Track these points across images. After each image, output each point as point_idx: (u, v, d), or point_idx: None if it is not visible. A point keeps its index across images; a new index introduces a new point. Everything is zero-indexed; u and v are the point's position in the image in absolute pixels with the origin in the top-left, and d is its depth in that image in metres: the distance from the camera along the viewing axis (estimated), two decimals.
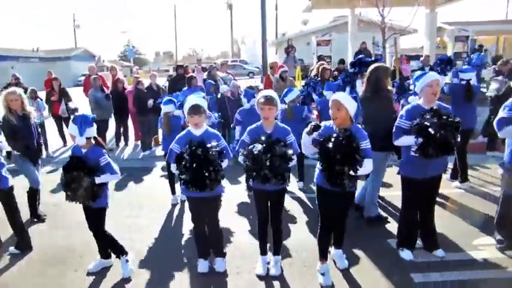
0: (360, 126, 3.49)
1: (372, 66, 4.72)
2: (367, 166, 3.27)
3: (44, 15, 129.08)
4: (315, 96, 6.68)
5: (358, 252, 4.19)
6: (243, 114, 6.13)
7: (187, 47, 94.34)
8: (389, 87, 4.93)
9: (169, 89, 10.10)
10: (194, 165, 3.38)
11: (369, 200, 4.92)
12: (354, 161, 3.17)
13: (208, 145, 3.45)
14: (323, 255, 3.69)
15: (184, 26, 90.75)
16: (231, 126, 8.13)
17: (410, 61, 20.86)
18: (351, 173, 3.21)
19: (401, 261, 3.94)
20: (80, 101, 10.86)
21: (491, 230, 4.45)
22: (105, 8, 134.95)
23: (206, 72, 10.46)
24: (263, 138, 3.43)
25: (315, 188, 3.70)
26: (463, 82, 5.88)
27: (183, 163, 3.43)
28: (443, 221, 4.84)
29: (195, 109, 3.62)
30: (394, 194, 5.64)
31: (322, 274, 3.64)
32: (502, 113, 3.83)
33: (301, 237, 4.59)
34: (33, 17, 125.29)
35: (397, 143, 3.83)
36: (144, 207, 5.84)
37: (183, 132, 3.75)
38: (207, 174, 3.39)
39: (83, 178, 3.54)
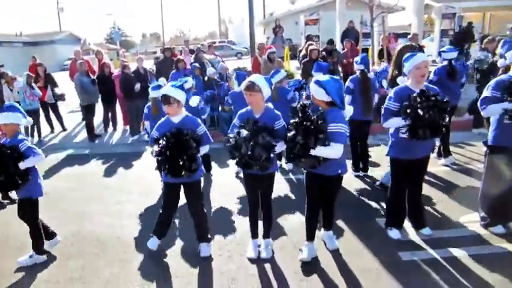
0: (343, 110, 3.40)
1: (398, 47, 4.81)
2: (333, 149, 3.22)
3: None
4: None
5: (347, 232, 4.23)
6: (234, 96, 6.06)
7: (174, 28, 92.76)
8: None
9: (157, 72, 9.93)
10: (168, 152, 3.42)
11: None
12: (311, 140, 3.15)
13: (184, 132, 3.48)
14: (309, 236, 3.72)
15: (171, 7, 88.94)
16: (220, 109, 8.09)
17: (399, 39, 20.88)
18: (312, 152, 3.18)
19: (389, 240, 3.98)
20: (66, 86, 10.66)
21: (476, 207, 4.52)
22: None
23: (193, 55, 10.27)
24: (249, 124, 3.39)
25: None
26: (445, 62, 5.89)
27: (159, 150, 3.48)
28: (430, 199, 4.91)
29: (165, 99, 3.62)
30: (382, 174, 5.67)
31: (300, 250, 3.74)
32: (485, 92, 3.82)
33: (292, 220, 4.60)
34: (15, 0, 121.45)
35: (385, 125, 3.81)
36: (134, 192, 5.80)
37: (163, 119, 3.77)
38: (181, 161, 3.41)
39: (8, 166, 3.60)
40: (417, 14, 15.22)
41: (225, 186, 5.84)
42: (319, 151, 3.19)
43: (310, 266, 3.62)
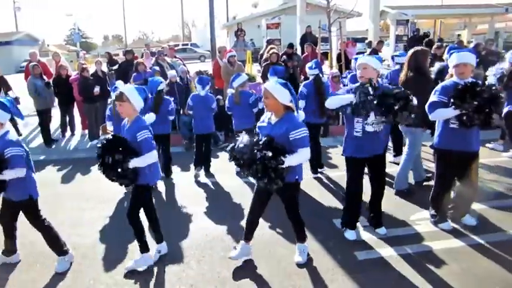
0: (297, 113, 3.42)
1: (411, 50, 5.04)
2: (301, 155, 3.24)
3: None
4: None
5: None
6: (195, 100, 6.00)
7: (137, 30, 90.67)
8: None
9: (118, 75, 9.63)
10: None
11: (401, 172, 5.12)
12: (271, 166, 3.12)
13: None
14: (246, 237, 3.73)
15: (133, 8, 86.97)
16: (181, 112, 7.96)
17: (357, 43, 21.43)
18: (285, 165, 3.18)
19: (346, 241, 4.04)
20: (21, 90, 10.12)
21: (427, 204, 4.68)
22: None
23: (154, 58, 10.07)
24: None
25: None
26: (398, 66, 6.08)
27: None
28: (385, 198, 5.01)
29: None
30: (338, 174, 5.78)
31: (234, 248, 3.79)
32: (433, 97, 3.96)
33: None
34: None
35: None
36: (92, 199, 5.57)
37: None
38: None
39: None
40: (373, 20, 15.73)
41: (187, 189, 5.74)
42: (289, 161, 3.18)
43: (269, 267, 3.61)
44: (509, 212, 4.56)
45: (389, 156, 6.30)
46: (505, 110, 5.91)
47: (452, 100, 3.76)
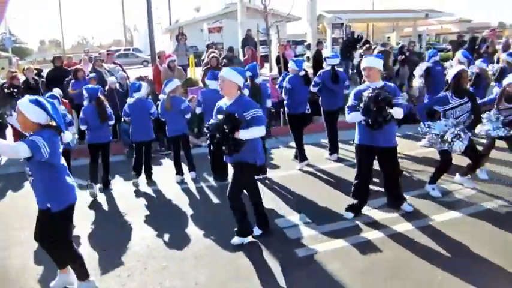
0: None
1: (376, 50, 5.81)
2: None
3: None
4: None
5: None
6: (132, 106, 5.82)
7: (76, 35, 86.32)
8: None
9: (48, 82, 8.96)
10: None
11: None
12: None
13: None
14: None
15: (72, 12, 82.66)
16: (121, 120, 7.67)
17: (298, 46, 21.92)
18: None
19: (286, 239, 4.10)
20: None
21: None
22: None
23: (91, 64, 9.60)
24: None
25: (209, 177, 3.73)
26: (329, 67, 6.31)
27: None
28: (322, 194, 5.16)
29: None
30: (280, 175, 5.87)
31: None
32: (349, 100, 4.27)
33: (193, 230, 4.51)
34: None
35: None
36: (25, 217, 5.17)
37: None
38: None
39: None
40: (311, 24, 16.13)
41: (127, 199, 5.53)
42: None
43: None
44: (429, 197, 4.90)
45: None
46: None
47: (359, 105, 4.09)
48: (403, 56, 9.36)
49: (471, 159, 4.94)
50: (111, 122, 5.75)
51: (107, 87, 7.91)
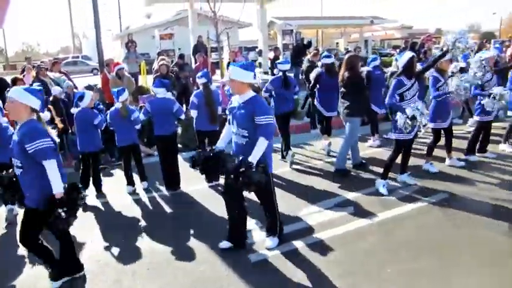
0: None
1: (347, 56, 6.18)
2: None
3: None
4: None
5: (194, 241, 4.19)
6: (77, 117, 5.56)
7: (20, 42, 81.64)
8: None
9: None
10: None
11: (341, 153, 5.92)
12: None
13: None
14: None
15: (15, 17, 77.93)
16: (69, 131, 7.31)
17: (250, 52, 22.08)
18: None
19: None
20: None
21: (313, 199, 4.98)
22: None
23: (35, 73, 9.09)
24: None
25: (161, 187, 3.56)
26: (280, 73, 6.40)
27: None
28: (279, 196, 5.17)
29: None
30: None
31: None
32: None
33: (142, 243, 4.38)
34: None
35: None
36: None
37: None
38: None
39: None
40: (262, 30, 16.35)
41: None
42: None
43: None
44: (376, 196, 5.09)
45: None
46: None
47: None
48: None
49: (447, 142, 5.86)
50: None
51: (51, 98, 7.52)
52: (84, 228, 4.74)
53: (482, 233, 4.04)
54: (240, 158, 3.53)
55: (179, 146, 7.68)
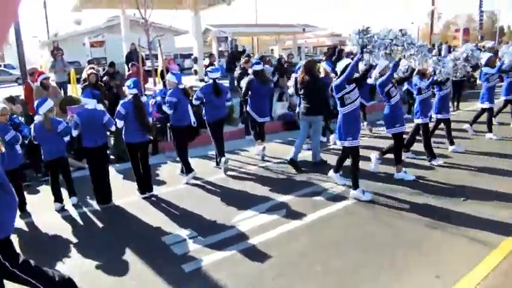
0: None
1: (305, 61, 6.88)
2: None
3: None
4: None
5: (129, 253, 4.05)
6: None
7: None
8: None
9: None
10: None
11: (314, 148, 6.68)
12: None
13: None
14: None
15: None
16: None
17: (186, 59, 21.85)
18: None
19: (172, 256, 3.99)
20: None
21: (246, 205, 5.03)
22: None
23: None
24: None
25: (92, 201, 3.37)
26: (211, 80, 6.41)
27: None
28: (208, 206, 5.17)
29: None
30: (168, 191, 5.74)
31: None
32: None
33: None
34: None
35: None
36: None
37: None
38: None
39: None
40: (197, 37, 16.25)
41: None
42: None
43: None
44: (307, 197, 5.26)
45: None
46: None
47: None
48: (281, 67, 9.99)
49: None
50: None
51: None
52: None
53: (404, 229, 4.32)
54: None
55: (112, 157, 7.37)
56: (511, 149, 6.98)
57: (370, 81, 6.50)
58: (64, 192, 5.58)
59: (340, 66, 5.17)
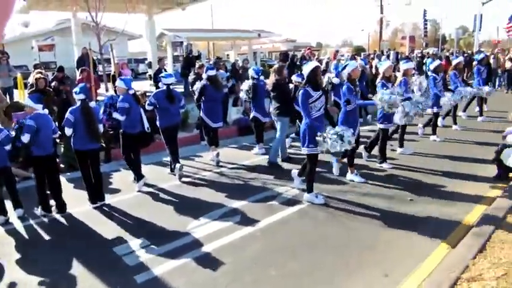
0: None
1: (276, 65, 7.53)
2: None
3: None
4: None
5: (77, 266, 3.85)
6: None
7: None
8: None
9: None
10: None
11: (273, 148, 6.87)
12: None
13: None
14: None
15: None
16: None
17: (140, 64, 21.29)
18: None
19: (126, 266, 3.85)
20: None
21: (200, 212, 4.96)
22: None
23: None
24: None
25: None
26: (165, 86, 6.28)
27: None
28: (161, 214, 5.06)
29: None
30: (121, 199, 5.55)
31: None
32: None
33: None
34: None
35: None
36: None
37: None
38: None
39: None
40: (151, 42, 15.91)
41: None
42: None
43: None
44: (261, 202, 5.29)
45: None
46: (251, 115, 7.45)
47: None
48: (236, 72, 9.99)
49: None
50: None
51: None
52: None
53: (357, 230, 4.42)
54: None
55: (62, 166, 7.01)
56: (453, 151, 7.36)
57: (335, 80, 7.09)
58: (8, 204, 5.22)
59: (305, 71, 5.04)
